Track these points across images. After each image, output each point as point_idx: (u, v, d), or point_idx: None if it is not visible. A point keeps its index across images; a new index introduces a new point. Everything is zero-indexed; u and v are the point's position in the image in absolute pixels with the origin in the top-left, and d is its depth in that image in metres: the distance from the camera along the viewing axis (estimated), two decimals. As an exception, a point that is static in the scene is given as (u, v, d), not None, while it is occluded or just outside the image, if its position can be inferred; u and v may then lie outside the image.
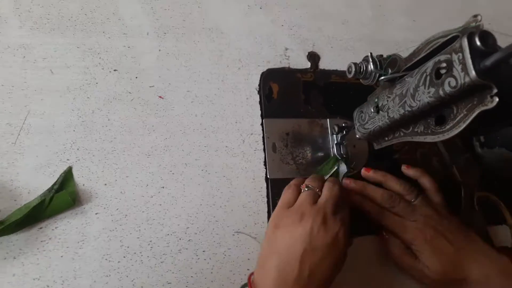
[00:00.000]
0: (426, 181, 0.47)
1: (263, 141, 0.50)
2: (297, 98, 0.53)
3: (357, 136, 0.45)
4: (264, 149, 0.49)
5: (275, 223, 0.41)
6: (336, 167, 0.49)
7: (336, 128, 0.49)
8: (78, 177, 0.43)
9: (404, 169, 0.49)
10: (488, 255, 0.42)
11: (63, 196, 0.41)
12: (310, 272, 0.36)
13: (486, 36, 0.27)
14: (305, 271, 0.36)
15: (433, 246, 0.42)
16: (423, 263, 0.42)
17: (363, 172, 0.49)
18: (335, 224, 0.39)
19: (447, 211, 0.45)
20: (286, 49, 0.55)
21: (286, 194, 0.43)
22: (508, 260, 0.42)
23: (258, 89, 0.52)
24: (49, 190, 0.41)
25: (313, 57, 0.55)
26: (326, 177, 0.47)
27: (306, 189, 0.43)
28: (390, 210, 0.45)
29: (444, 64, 0.29)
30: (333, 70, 0.56)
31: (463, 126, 0.30)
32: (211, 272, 0.43)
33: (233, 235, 0.45)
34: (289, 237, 0.38)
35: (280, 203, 0.43)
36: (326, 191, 0.42)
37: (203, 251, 0.44)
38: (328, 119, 0.52)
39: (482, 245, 0.43)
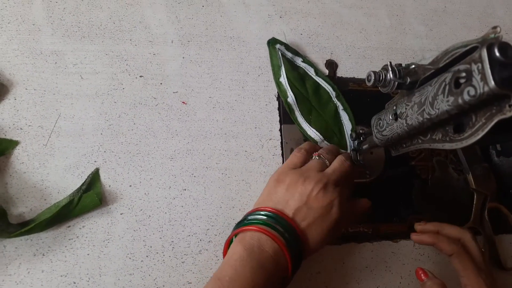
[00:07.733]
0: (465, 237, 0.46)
1: (281, 146, 0.51)
2: (315, 105, 0.54)
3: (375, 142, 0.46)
4: (282, 154, 0.51)
5: (278, 177, 0.42)
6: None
7: (354, 135, 0.50)
8: (105, 178, 0.45)
9: (417, 232, 0.47)
10: None
11: (90, 196, 0.42)
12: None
13: (505, 48, 0.28)
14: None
15: None
16: None
17: (414, 237, 0.46)
18: (333, 192, 0.40)
19: None
20: (305, 57, 0.56)
21: (294, 156, 0.45)
22: None
23: (277, 96, 0.53)
24: (78, 190, 0.43)
25: (331, 65, 0.57)
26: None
27: (317, 157, 0.44)
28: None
29: (463, 74, 0.30)
30: (350, 78, 0.57)
31: (481, 134, 0.31)
32: (230, 273, 0.44)
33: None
34: (288, 193, 0.40)
35: (287, 162, 0.44)
36: (336, 163, 0.43)
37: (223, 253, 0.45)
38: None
39: None
